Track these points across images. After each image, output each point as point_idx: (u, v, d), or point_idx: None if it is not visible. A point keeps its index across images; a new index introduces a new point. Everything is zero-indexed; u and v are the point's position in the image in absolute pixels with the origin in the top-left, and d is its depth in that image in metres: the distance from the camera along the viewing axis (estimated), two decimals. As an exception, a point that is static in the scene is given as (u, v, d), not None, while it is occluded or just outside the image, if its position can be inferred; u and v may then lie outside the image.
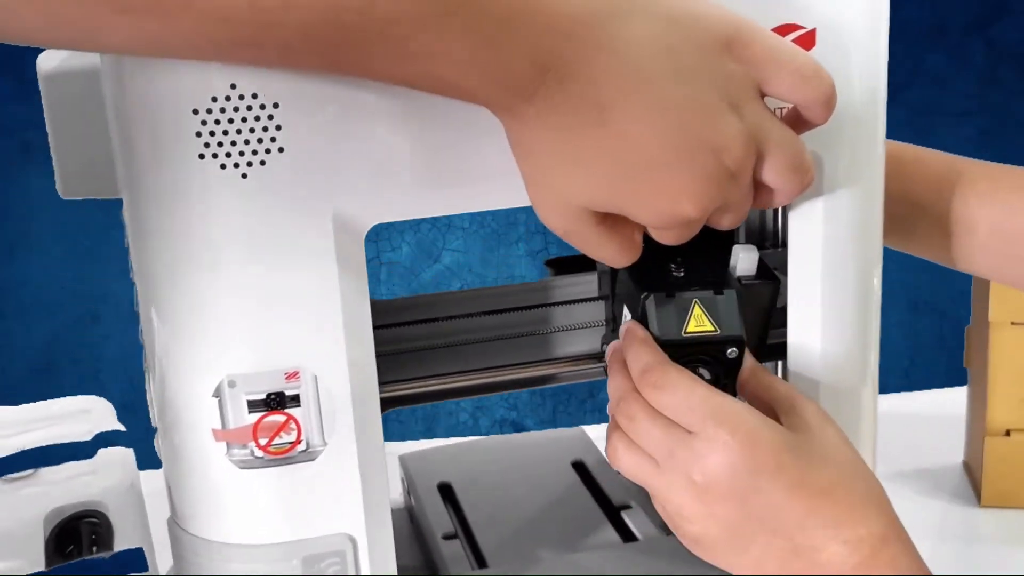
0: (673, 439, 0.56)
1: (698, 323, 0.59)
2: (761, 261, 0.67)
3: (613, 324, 0.72)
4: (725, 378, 0.60)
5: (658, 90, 0.48)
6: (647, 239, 0.55)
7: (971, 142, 2.40)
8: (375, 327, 0.58)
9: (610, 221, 0.52)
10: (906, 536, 0.56)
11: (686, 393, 0.56)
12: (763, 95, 0.52)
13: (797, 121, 0.54)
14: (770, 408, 0.59)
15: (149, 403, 0.61)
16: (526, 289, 0.74)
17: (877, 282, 0.65)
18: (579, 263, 0.73)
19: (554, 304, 0.74)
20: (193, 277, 0.55)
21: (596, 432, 0.85)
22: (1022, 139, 2.42)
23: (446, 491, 0.81)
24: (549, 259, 0.74)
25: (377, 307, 0.64)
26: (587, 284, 0.75)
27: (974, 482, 1.10)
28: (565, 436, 0.90)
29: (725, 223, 0.54)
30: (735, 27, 0.50)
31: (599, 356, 0.74)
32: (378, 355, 0.59)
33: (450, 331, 0.72)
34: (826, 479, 0.56)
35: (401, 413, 2.22)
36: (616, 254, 0.54)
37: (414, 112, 0.53)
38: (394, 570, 0.63)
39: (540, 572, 0.70)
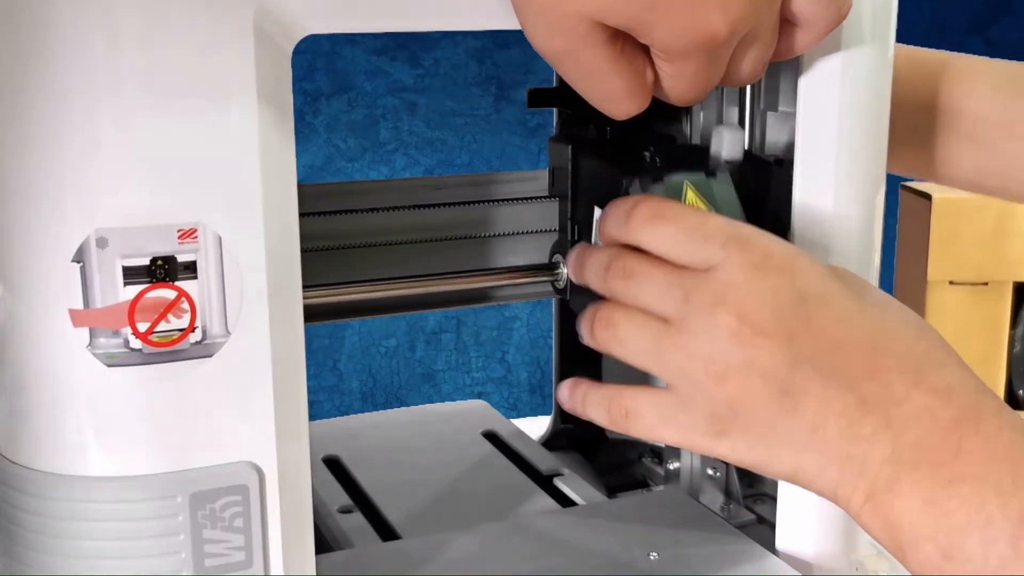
0: (687, 279, 0.44)
1: None
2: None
3: (574, 231, 0.59)
4: None
5: None
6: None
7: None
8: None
9: (620, 44, 0.44)
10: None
11: (698, 219, 0.45)
12: None
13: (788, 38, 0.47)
14: None
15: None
16: (463, 182, 0.60)
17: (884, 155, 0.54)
18: (566, 96, 0.59)
19: (496, 202, 0.60)
20: (53, 90, 0.41)
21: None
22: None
23: (334, 465, 0.71)
24: (532, 88, 0.60)
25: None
26: (535, 181, 0.61)
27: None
28: (467, 408, 0.81)
29: (747, 66, 0.46)
30: None
31: (549, 268, 0.61)
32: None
33: (372, 227, 0.57)
34: (884, 318, 0.44)
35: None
36: (623, 91, 0.45)
37: None
38: (311, 515, 0.47)
39: (477, 538, 0.59)
